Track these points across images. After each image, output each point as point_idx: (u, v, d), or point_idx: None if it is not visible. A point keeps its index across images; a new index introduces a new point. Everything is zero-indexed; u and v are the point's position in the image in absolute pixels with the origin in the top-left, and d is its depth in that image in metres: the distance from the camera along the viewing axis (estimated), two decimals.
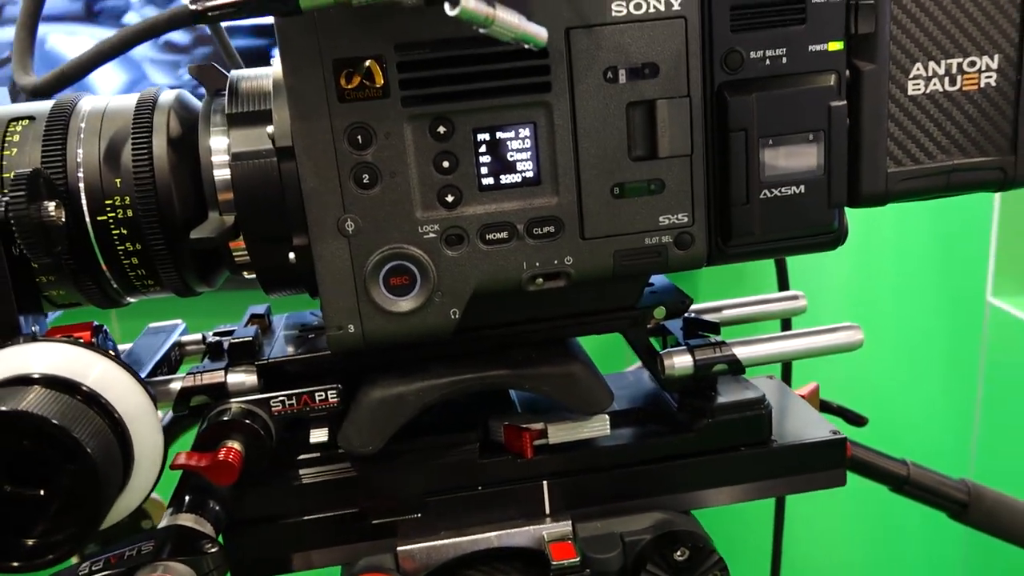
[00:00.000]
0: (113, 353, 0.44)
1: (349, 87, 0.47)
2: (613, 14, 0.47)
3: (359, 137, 0.47)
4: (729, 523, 0.81)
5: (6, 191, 0.48)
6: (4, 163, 0.48)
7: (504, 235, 0.50)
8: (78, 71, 0.43)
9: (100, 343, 0.47)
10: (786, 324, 0.74)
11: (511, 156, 0.49)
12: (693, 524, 0.56)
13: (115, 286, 0.51)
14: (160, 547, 0.46)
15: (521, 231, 0.50)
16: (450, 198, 0.49)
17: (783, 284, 0.74)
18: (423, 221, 0.49)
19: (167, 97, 0.51)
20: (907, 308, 1.60)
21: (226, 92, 0.50)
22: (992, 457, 1.48)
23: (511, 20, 0.37)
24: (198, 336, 0.61)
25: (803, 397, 0.66)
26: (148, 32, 0.42)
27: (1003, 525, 0.80)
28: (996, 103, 0.52)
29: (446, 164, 0.48)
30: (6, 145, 0.49)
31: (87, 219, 0.48)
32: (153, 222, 0.49)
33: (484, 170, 0.49)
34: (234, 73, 0.51)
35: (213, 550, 0.47)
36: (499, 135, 0.49)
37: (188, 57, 1.76)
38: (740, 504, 0.59)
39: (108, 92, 0.50)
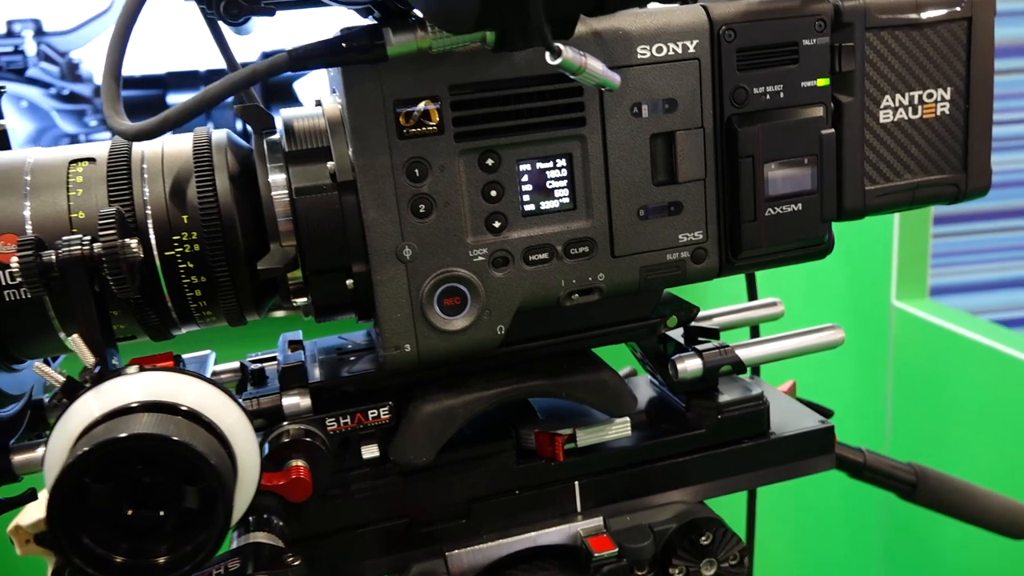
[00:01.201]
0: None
1: (408, 125, 0.51)
2: (638, 57, 0.53)
3: (416, 170, 0.51)
4: None
5: (74, 230, 0.50)
6: (71, 203, 0.50)
7: (545, 256, 0.54)
8: (183, 116, 0.45)
9: None
10: (754, 330, 0.81)
11: (550, 184, 0.54)
12: (710, 512, 0.62)
13: (174, 317, 0.53)
14: (245, 563, 0.49)
15: (560, 252, 0.55)
16: (497, 224, 0.53)
17: (752, 294, 0.81)
18: (473, 246, 0.53)
19: (219, 136, 0.54)
20: (819, 313, 1.73)
21: (281, 131, 0.53)
22: (904, 446, 1.61)
23: (597, 67, 0.43)
24: (232, 364, 0.63)
25: (784, 393, 0.73)
26: (250, 79, 0.45)
27: (946, 501, 0.89)
28: (949, 128, 0.61)
29: (493, 193, 0.53)
30: (70, 186, 0.50)
31: (155, 254, 0.50)
32: (219, 255, 0.51)
33: (526, 198, 0.54)
34: (284, 113, 0.54)
35: (296, 563, 0.49)
36: (539, 166, 0.54)
37: (91, 107, 1.84)
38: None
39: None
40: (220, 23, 0.56)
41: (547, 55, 0.41)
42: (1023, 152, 1.89)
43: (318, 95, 0.58)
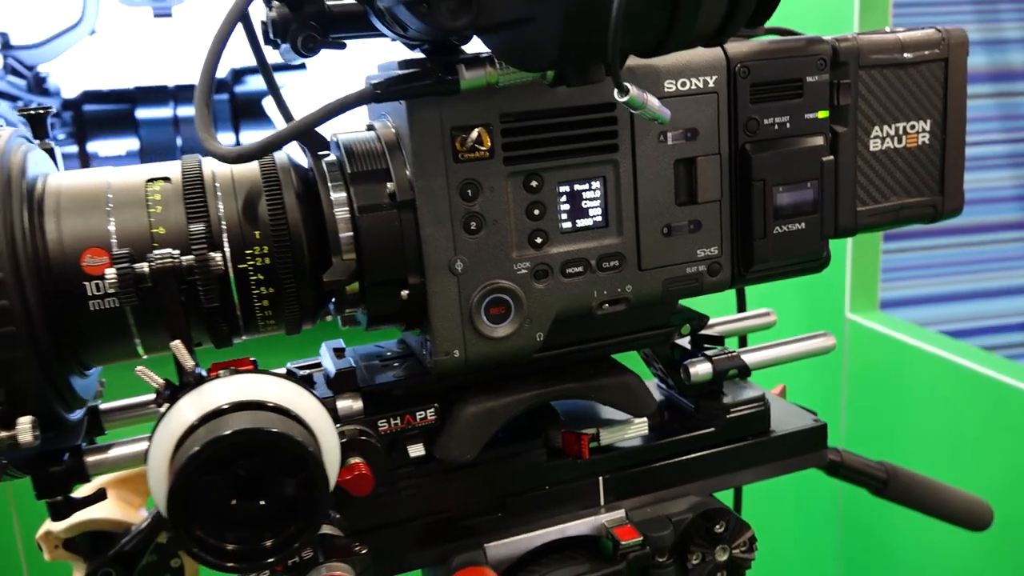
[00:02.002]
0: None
1: (462, 150, 0.56)
2: (665, 90, 0.59)
3: (469, 191, 0.56)
4: None
5: (155, 244, 0.53)
6: (152, 219, 0.53)
7: (580, 269, 0.60)
8: (281, 141, 0.49)
9: None
10: (742, 338, 0.87)
11: (585, 204, 0.60)
12: (721, 503, 0.68)
13: (240, 326, 0.57)
14: (316, 553, 0.53)
15: (593, 265, 0.60)
16: (539, 240, 0.59)
17: (741, 306, 0.87)
18: (517, 260, 0.58)
19: (282, 157, 0.58)
20: (779, 325, 1.82)
21: (341, 153, 0.57)
22: (858, 448, 1.70)
23: (654, 104, 0.48)
24: (279, 371, 0.67)
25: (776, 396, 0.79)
26: (341, 108, 0.49)
27: (914, 497, 0.97)
28: (929, 156, 0.69)
29: (536, 212, 0.58)
30: (150, 203, 0.54)
31: (230, 267, 0.54)
32: (288, 268, 0.55)
33: (564, 216, 0.59)
34: (340, 137, 0.59)
35: (364, 552, 0.53)
36: (577, 187, 0.59)
37: (58, 120, 1.86)
38: None
39: None
40: (263, 47, 0.61)
41: (615, 92, 0.46)
42: None
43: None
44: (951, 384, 1.54)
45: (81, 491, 0.61)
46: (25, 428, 0.49)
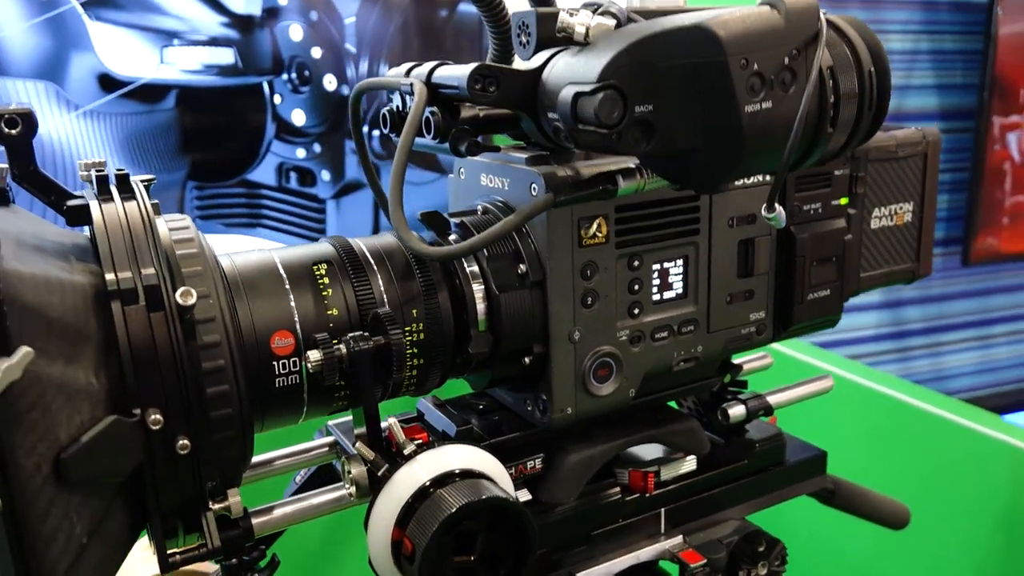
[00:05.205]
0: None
1: (585, 237, 0.64)
2: (734, 184, 0.70)
3: (588, 271, 0.65)
4: None
5: (331, 325, 0.58)
6: (326, 302, 0.58)
7: (665, 334, 0.70)
8: (483, 244, 0.55)
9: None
10: None
11: (671, 279, 0.70)
12: (756, 526, 0.80)
13: (387, 394, 0.62)
14: None
15: (675, 330, 0.70)
16: (636, 311, 0.68)
17: None
18: (619, 328, 0.68)
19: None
20: None
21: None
22: None
23: (782, 214, 0.59)
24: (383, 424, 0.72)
25: None
26: (530, 215, 0.57)
27: (854, 503, 1.13)
28: (911, 231, 0.84)
29: (636, 287, 0.68)
30: (321, 286, 0.59)
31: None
32: (440, 342, 0.62)
33: (655, 289, 0.69)
34: (466, 220, 0.66)
35: None
36: (666, 264, 0.69)
37: None
38: None
39: None
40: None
41: (764, 208, 0.57)
42: None
43: None
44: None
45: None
46: (236, 500, 0.53)
